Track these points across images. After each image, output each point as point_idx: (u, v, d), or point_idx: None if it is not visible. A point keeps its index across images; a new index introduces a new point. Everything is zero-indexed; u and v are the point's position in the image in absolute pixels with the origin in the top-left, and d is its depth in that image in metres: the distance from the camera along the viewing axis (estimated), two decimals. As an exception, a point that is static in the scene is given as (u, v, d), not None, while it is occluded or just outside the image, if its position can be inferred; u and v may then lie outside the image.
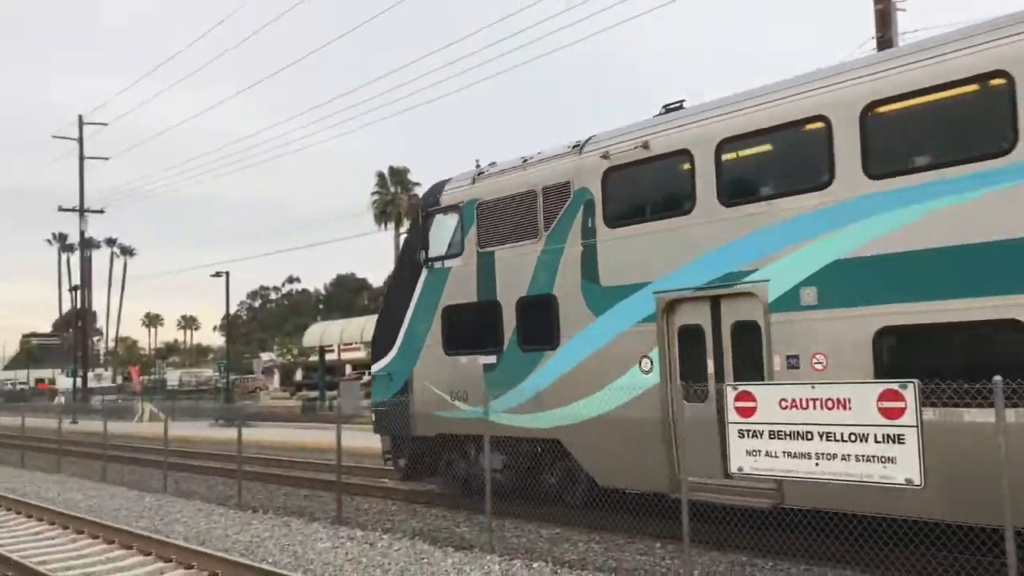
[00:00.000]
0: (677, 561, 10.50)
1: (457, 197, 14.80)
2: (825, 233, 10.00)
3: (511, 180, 13.89)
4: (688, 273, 11.29)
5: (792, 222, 10.29)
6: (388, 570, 10.99)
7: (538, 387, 13.10)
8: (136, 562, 12.26)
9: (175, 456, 23.07)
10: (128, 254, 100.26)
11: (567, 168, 12.95)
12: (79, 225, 43.26)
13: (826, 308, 9.98)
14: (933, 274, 9.16)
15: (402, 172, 67.94)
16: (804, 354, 10.14)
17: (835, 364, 9.86)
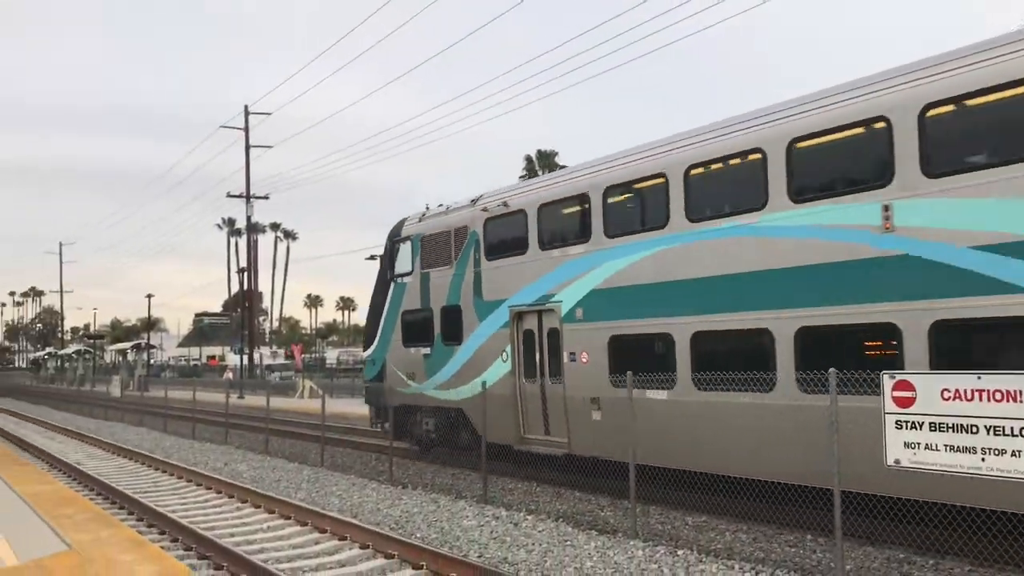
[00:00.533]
0: (829, 555, 10.12)
1: (409, 231, 19.73)
2: (586, 272, 14.59)
3: (439, 221, 18.82)
4: (526, 294, 15.98)
5: (573, 263, 14.92)
6: (532, 550, 11.09)
7: (451, 371, 17.96)
8: (294, 531, 12.86)
9: (332, 432, 24.07)
10: (291, 238, 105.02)
11: (466, 216, 17.79)
12: (246, 211, 45.57)
13: (587, 322, 14.58)
14: (637, 301, 13.59)
15: (550, 155, 67.87)
16: (578, 352, 14.75)
17: (591, 360, 14.49)
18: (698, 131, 13.00)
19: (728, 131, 12.38)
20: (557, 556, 10.72)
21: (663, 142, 13.57)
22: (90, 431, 31.34)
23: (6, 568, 8.86)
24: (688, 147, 12.92)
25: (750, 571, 9.59)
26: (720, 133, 12.52)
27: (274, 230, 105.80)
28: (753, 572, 9.55)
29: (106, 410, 39.65)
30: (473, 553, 11.04)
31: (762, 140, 11.74)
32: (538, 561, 10.56)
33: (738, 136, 12.16)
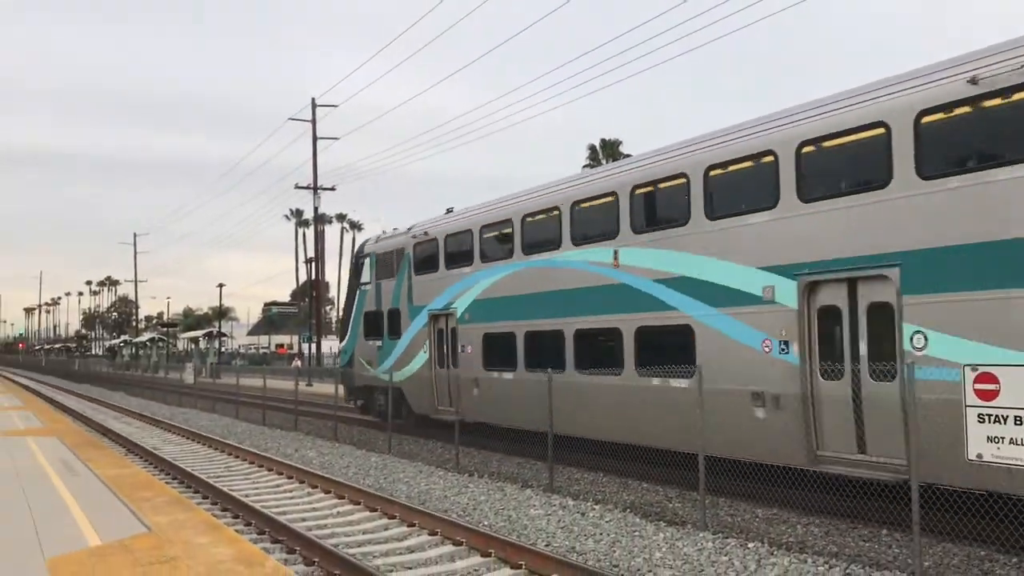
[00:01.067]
0: (905, 551, 9.88)
1: (368, 250, 25.55)
2: (471, 287, 19.72)
3: (387, 243, 24.31)
4: (438, 301, 21.18)
5: (464, 280, 19.99)
6: (600, 540, 11.06)
7: (394, 358, 23.30)
8: (363, 517, 13.03)
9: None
10: (356, 228, 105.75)
11: (402, 240, 23.31)
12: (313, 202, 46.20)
13: (471, 323, 19.68)
14: (498, 309, 18.64)
15: (614, 144, 67.26)
16: (466, 345, 19.88)
17: (473, 351, 19.58)
18: (530, 191, 18.52)
19: (544, 193, 17.78)
20: (625, 546, 10.67)
21: (513, 197, 18.98)
22: (165, 417, 32.19)
23: (90, 548, 9.15)
24: (526, 201, 18.30)
25: (823, 565, 9.41)
26: (540, 193, 17.96)
27: (340, 221, 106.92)
28: (827, 566, 9.37)
29: (179, 396, 40.67)
30: (541, 542, 11.06)
31: (557, 202, 17.09)
32: (606, 551, 10.53)
33: (547, 196, 17.58)
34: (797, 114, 12.27)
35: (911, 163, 10.47)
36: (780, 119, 12.54)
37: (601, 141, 67.51)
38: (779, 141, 12.26)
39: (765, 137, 12.57)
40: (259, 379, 36.32)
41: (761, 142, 12.61)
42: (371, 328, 24.80)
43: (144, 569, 8.22)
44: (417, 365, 22.09)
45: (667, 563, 9.88)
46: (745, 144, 12.91)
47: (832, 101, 11.83)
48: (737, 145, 13.07)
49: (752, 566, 9.54)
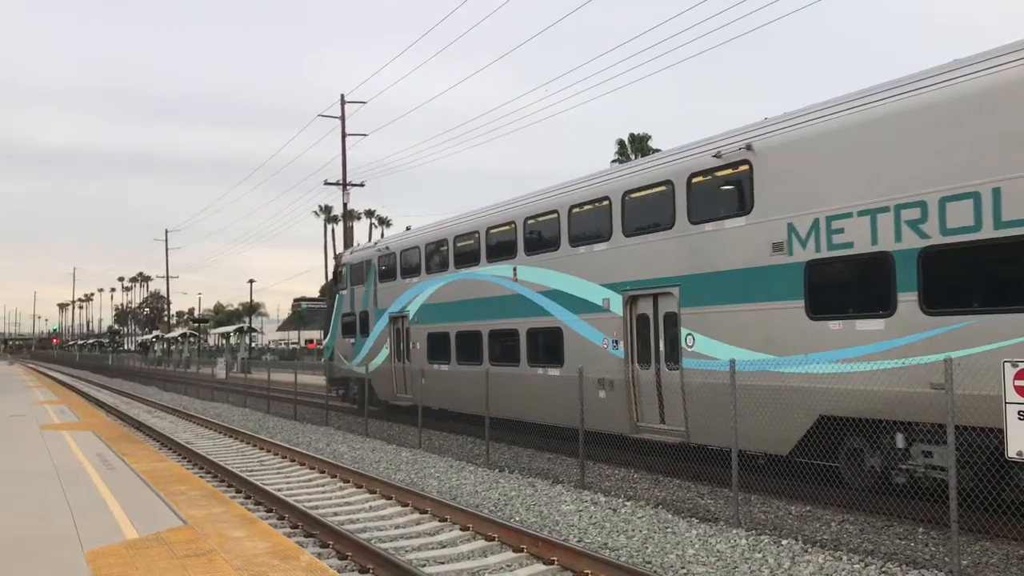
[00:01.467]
0: (943, 549, 9.77)
1: (345, 260, 29.97)
2: (419, 294, 23.62)
3: (359, 255, 28.75)
4: (396, 305, 25.06)
5: (414, 288, 23.95)
6: (632, 536, 11.03)
7: (364, 353, 27.28)
8: (395, 511, 13.09)
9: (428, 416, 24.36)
10: (385, 224, 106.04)
11: (370, 253, 27.68)
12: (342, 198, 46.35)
13: (419, 324, 23.55)
14: (438, 313, 22.48)
15: (643, 139, 66.97)
16: (416, 342, 23.63)
17: (421, 347, 23.32)
18: (459, 216, 22.80)
19: (469, 219, 21.92)
20: (658, 543, 10.63)
21: (448, 220, 23.36)
22: (197, 411, 32.52)
23: (128, 540, 9.26)
24: (456, 224, 22.48)
25: (859, 563, 9.33)
26: (467, 219, 22.07)
27: (369, 217, 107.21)
28: (862, 564, 9.29)
29: (211, 391, 41.05)
30: (572, 538, 11.05)
31: (477, 227, 21.24)
32: (639, 547, 10.50)
33: (470, 222, 21.71)
34: (625, 171, 17.09)
35: (685, 212, 14.69)
36: (615, 173, 17.33)
37: (630, 136, 67.27)
38: (611, 190, 16.62)
39: (603, 186, 16.97)
40: (289, 374, 36.59)
41: (601, 190, 16.96)
42: (347, 328, 29.04)
43: (181, 562, 8.31)
44: (381, 359, 26.20)
45: (700, 560, 9.84)
46: (592, 191, 17.29)
47: (646, 163, 16.86)
48: (588, 191, 17.44)
49: (786, 563, 9.47)
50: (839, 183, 12.00)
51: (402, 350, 24.93)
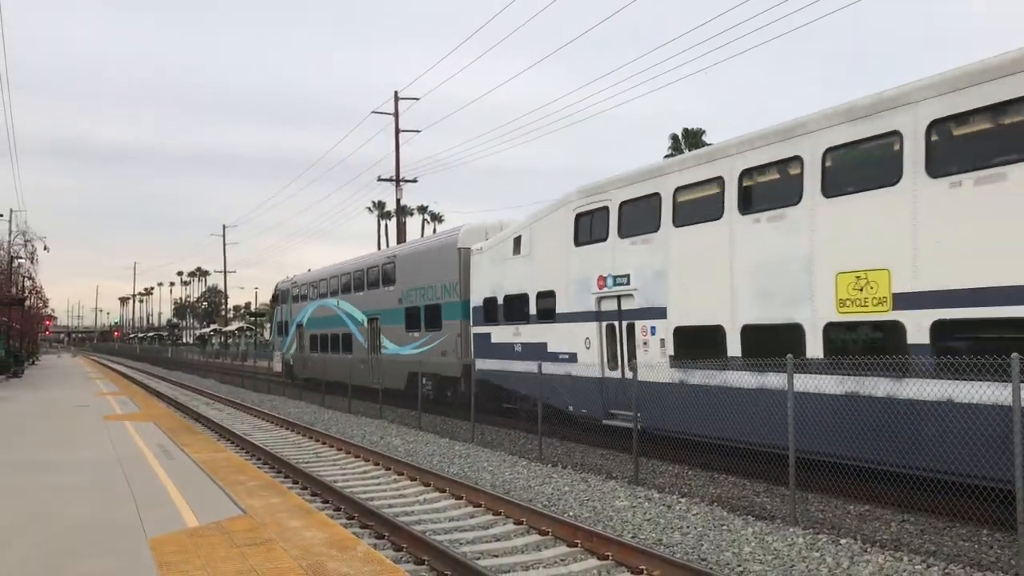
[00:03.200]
0: (1008, 551, 9.54)
1: (279, 288, 45.94)
2: (308, 312, 40.08)
3: (284, 284, 44.65)
4: (299, 317, 40.96)
5: (307, 306, 40.08)
6: (687, 533, 10.95)
7: (285, 346, 43.66)
8: (448, 504, 13.17)
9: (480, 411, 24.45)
10: (437, 220, 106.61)
11: (288, 285, 43.92)
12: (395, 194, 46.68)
13: (307, 329, 40.05)
14: (315, 322, 39.12)
15: (697, 134, 66.14)
16: (305, 340, 39.85)
17: (308, 343, 39.88)
18: (325, 269, 39.35)
19: (325, 272, 38.30)
20: (713, 540, 10.55)
21: (320, 270, 39.81)
22: (253, 403, 33.06)
23: (189, 528, 9.45)
24: (321, 272, 38.84)
25: (920, 564, 9.15)
26: (326, 272, 38.33)
27: (422, 213, 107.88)
28: (924, 565, 9.11)
29: (268, 384, 41.69)
30: (627, 534, 11.01)
31: (327, 276, 37.51)
32: (694, 544, 10.42)
33: (327, 271, 38.05)
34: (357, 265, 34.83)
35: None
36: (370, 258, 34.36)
37: (683, 131, 66.58)
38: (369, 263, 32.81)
39: (372, 258, 32.98)
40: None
41: (372, 260, 33.26)
42: (279, 329, 46.05)
43: (241, 550, 8.45)
44: (293, 350, 42.31)
45: (757, 558, 9.73)
46: (375, 259, 32.39)
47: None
48: (370, 259, 33.45)
49: (845, 563, 9.33)
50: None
51: (302, 344, 40.68)
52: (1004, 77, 10.26)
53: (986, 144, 10.72)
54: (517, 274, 21.13)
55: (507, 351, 21.59)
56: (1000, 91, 10.27)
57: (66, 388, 37.99)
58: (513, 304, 21.42)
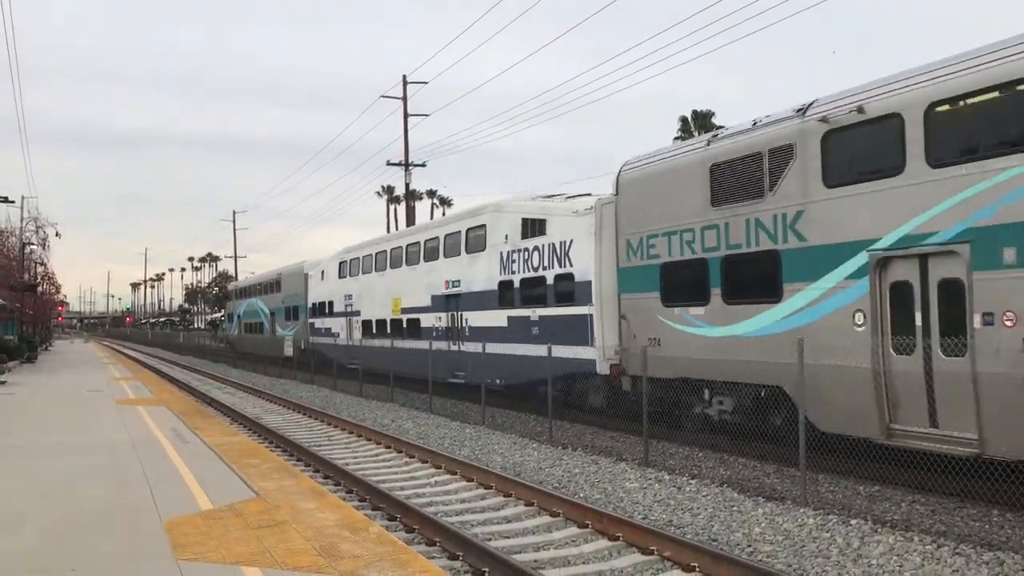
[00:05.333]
0: (1020, 531, 9.55)
1: (230, 288, 67.85)
2: (242, 306, 57.39)
3: (231, 286, 69.24)
4: (238, 310, 59.11)
5: (241, 304, 58.12)
6: (697, 514, 10.99)
7: (233, 329, 61.50)
8: (460, 487, 13.24)
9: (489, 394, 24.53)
10: (446, 204, 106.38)
11: (233, 286, 66.14)
12: (404, 179, 46.68)
13: (241, 319, 58.59)
14: (244, 315, 56.71)
15: (706, 116, 65.76)
16: (241, 326, 58.08)
17: (242, 327, 57.73)
18: (256, 275, 60.33)
19: (253, 279, 58.74)
20: (724, 521, 10.59)
21: (253, 276, 62.40)
22: (265, 387, 33.24)
23: (203, 511, 9.54)
24: (252, 279, 59.54)
25: (931, 544, 9.15)
26: (253, 278, 58.37)
27: (430, 197, 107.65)
28: (934, 545, 9.11)
29: (279, 368, 41.88)
30: (637, 515, 11.06)
31: (256, 282, 55.47)
32: (704, 525, 10.47)
33: (254, 279, 57.96)
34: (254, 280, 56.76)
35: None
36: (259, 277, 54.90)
37: (693, 113, 66.24)
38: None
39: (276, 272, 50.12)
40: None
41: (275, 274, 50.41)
42: (228, 318, 63.45)
43: (255, 532, 8.53)
44: (235, 332, 58.89)
45: (767, 538, 9.77)
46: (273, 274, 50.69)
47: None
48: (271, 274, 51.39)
49: (855, 543, 9.35)
50: None
51: (240, 328, 57.11)
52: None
53: None
54: (323, 290, 38.73)
55: (322, 333, 38.71)
56: None
57: (79, 373, 38.25)
58: (323, 307, 38.61)
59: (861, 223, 12.05)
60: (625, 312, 17.35)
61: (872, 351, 11.82)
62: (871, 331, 11.88)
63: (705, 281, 15.02)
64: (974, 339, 10.40)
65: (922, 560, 8.69)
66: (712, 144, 14.96)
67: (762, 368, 13.59)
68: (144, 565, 7.47)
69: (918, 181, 11.20)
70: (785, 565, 8.80)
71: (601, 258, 18.18)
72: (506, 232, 22.26)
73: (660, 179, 16.30)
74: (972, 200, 10.51)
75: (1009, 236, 10.13)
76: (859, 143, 12.21)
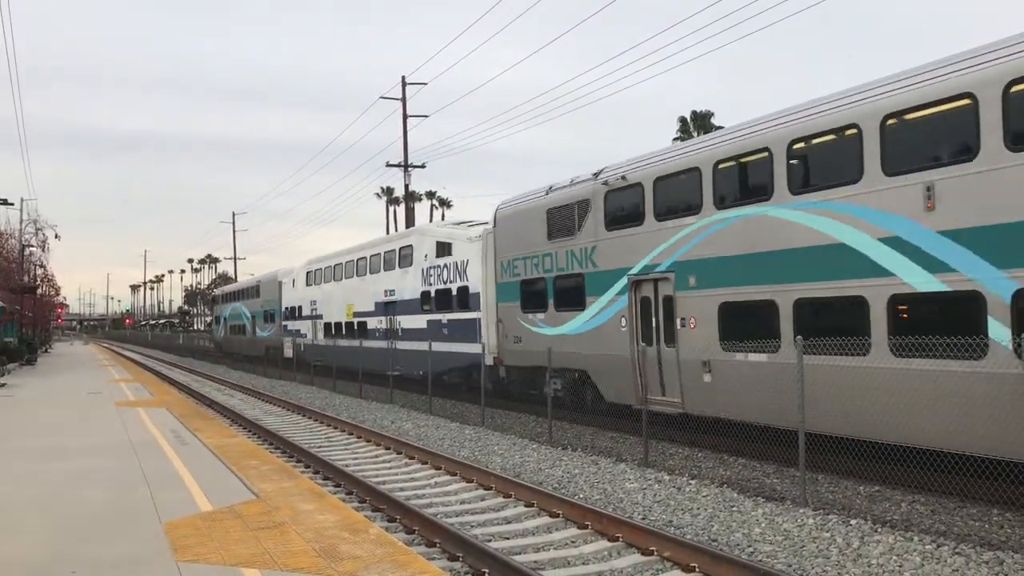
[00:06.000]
0: (1019, 531, 9.56)
1: (216, 294, 74.27)
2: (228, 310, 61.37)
3: (215, 292, 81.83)
4: (224, 312, 63.08)
5: (227, 308, 62.31)
6: (697, 514, 10.99)
7: (218, 332, 66.29)
8: (460, 487, 13.24)
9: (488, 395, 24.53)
10: (445, 206, 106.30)
11: (218, 293, 72.59)
12: (404, 180, 46.66)
13: (227, 322, 61.68)
14: (233, 318, 59.67)
15: (705, 116, 65.79)
16: (227, 328, 61.70)
17: (228, 329, 61.71)
18: (237, 283, 66.81)
19: (235, 285, 64.80)
20: (724, 521, 10.59)
21: (235, 283, 68.79)
22: (265, 389, 33.22)
23: (203, 513, 9.54)
24: (233, 285, 66.66)
25: (931, 543, 9.16)
26: (235, 284, 65.58)
27: (430, 198, 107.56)
28: (934, 545, 9.11)
29: (279, 370, 41.86)
30: (637, 515, 11.06)
31: (238, 288, 59.33)
32: (704, 526, 10.47)
33: (236, 286, 63.26)
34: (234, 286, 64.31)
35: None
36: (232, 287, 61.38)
37: (692, 113, 66.27)
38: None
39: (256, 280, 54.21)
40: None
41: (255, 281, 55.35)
42: (216, 320, 66.64)
43: (255, 533, 8.53)
44: (221, 333, 62.66)
45: (767, 539, 9.77)
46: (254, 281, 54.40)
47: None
48: (252, 281, 55.69)
49: (855, 543, 9.35)
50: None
51: (226, 329, 60.32)
52: None
53: None
54: (294, 296, 43.43)
55: (293, 334, 43.13)
56: None
57: (79, 375, 38.25)
58: (294, 311, 43.33)
59: (625, 256, 17.33)
60: (500, 317, 22.57)
61: (630, 344, 17.02)
62: (630, 330, 17.06)
63: (545, 294, 20.38)
64: (677, 336, 15.64)
65: (922, 560, 8.69)
66: (549, 194, 20.33)
67: (574, 358, 19.07)
68: (144, 567, 7.46)
69: (650, 230, 16.56)
70: (785, 565, 8.80)
71: (487, 275, 23.55)
72: (426, 252, 27.70)
73: (520, 217, 21.59)
74: (674, 244, 15.73)
75: (692, 269, 15.30)
76: (623, 200, 17.59)
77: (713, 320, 14.78)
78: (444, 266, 26.10)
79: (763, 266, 13.73)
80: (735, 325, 14.37)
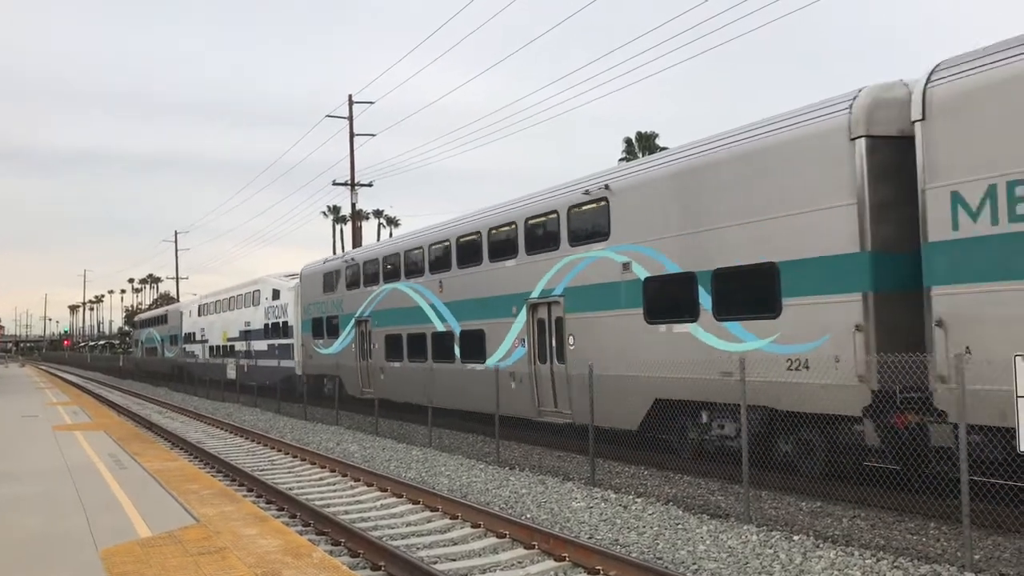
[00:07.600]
0: (954, 543, 9.75)
1: (137, 320, 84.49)
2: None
3: (140, 317, 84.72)
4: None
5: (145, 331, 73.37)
6: (643, 532, 11.04)
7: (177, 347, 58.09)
8: (406, 510, 13.12)
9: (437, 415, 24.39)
10: (393, 224, 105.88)
11: (136, 320, 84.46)
12: (351, 198, 46.39)
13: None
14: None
15: (650, 137, 66.65)
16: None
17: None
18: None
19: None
20: (669, 539, 10.64)
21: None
22: (208, 411, 32.64)
23: (141, 539, 9.31)
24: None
25: (871, 558, 9.31)
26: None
27: (377, 217, 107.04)
28: (874, 559, 9.27)
29: (222, 391, 41.18)
30: (583, 535, 11.06)
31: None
32: (649, 544, 10.51)
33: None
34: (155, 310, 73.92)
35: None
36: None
37: (637, 134, 67.10)
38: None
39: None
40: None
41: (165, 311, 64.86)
42: (134, 344, 79.83)
43: (194, 559, 8.35)
44: (139, 355, 73.06)
45: (711, 556, 9.84)
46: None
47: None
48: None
49: (798, 559, 9.47)
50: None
51: (142, 351, 69.31)
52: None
53: None
54: (190, 324, 54.49)
55: (190, 355, 53.16)
56: None
57: (14, 398, 37.17)
58: (190, 335, 52.88)
59: (354, 305, 28.08)
60: (303, 342, 33.12)
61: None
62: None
63: (323, 327, 30.96)
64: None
65: (862, 574, 8.82)
66: (324, 264, 31.85)
67: (334, 367, 30.16)
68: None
69: (364, 290, 27.16)
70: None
71: (298, 313, 34.23)
72: (267, 295, 38.69)
73: (312, 276, 32.47)
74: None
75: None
76: (356, 272, 28.17)
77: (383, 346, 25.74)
78: (276, 306, 37.46)
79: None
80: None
